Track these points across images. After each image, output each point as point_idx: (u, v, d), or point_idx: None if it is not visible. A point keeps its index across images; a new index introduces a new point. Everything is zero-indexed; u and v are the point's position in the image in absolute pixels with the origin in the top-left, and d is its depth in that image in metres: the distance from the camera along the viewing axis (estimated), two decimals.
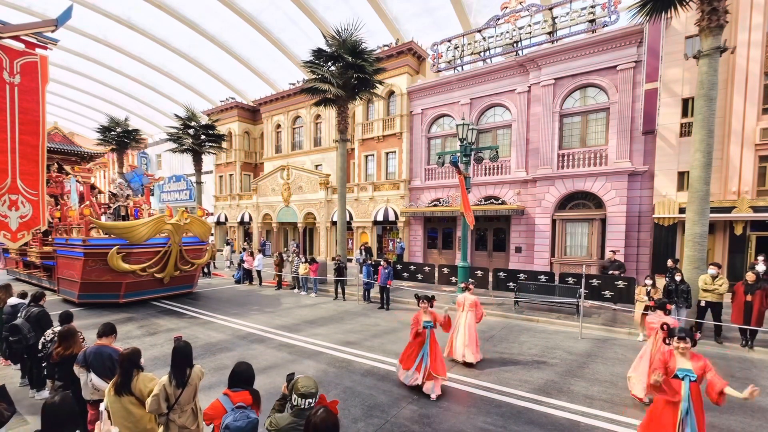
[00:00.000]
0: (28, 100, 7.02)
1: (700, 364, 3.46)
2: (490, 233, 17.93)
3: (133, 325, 9.13)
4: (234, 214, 28.76)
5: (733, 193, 12.15)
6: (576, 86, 15.10)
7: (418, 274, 14.26)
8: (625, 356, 7.03)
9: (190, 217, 11.42)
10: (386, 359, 6.80)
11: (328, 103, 15.42)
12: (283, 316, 10.06)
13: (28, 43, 7.12)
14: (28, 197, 7.08)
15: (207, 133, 22.55)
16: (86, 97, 35.74)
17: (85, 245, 10.68)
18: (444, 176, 18.66)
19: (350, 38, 13.81)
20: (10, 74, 6.78)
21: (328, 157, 24.14)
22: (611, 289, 10.29)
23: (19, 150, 6.90)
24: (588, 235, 15.02)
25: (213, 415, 2.66)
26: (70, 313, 4.64)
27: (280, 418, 2.40)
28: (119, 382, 3.08)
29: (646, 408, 4.22)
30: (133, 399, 3.07)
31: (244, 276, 15.70)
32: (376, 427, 4.51)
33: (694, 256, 8.35)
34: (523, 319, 9.81)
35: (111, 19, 25.20)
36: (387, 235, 21.53)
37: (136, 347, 3.27)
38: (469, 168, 11.23)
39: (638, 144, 14.00)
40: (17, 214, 6.91)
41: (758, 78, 11.84)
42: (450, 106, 18.54)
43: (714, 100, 8.12)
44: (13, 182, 6.86)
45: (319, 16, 22.46)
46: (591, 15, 14.96)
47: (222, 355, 7.04)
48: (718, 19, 7.90)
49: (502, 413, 4.86)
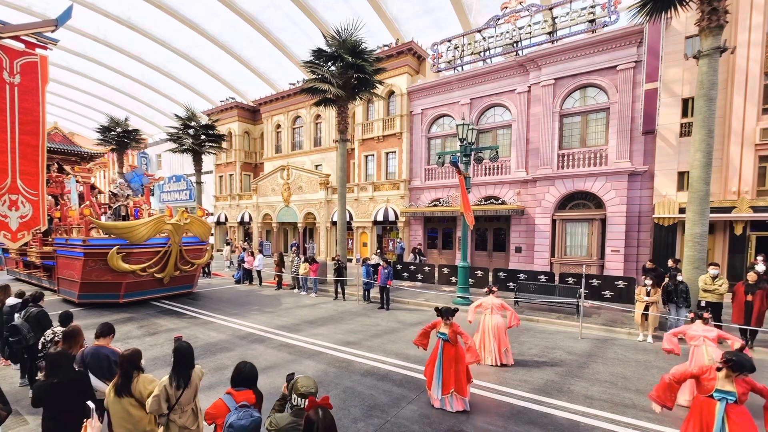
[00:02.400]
0: (28, 100, 7.02)
1: (745, 387, 3.21)
2: (490, 233, 17.94)
3: (133, 325, 9.13)
4: (234, 214, 28.76)
5: (733, 193, 12.15)
6: (576, 86, 15.10)
7: (418, 274, 14.26)
8: (625, 356, 7.03)
9: (190, 217, 11.41)
10: (386, 359, 6.80)
11: (328, 103, 15.42)
12: (283, 316, 10.06)
13: (28, 43, 7.11)
14: (28, 197, 7.07)
15: (207, 133, 22.54)
16: (86, 97, 35.74)
17: (85, 245, 10.67)
18: (444, 176, 18.66)
19: (350, 38, 13.80)
20: (10, 74, 6.78)
21: (328, 157, 24.14)
22: (611, 289, 10.29)
23: (19, 150, 6.89)
24: (588, 235, 15.02)
25: (216, 414, 2.66)
26: (70, 313, 4.64)
27: (280, 418, 2.40)
28: (119, 384, 3.07)
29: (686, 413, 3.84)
30: (133, 401, 3.06)
31: (244, 276, 15.70)
32: (376, 427, 4.50)
33: (694, 256, 8.34)
34: (523, 319, 9.78)
35: (111, 19, 25.21)
36: (387, 235, 21.53)
37: (137, 348, 3.27)
38: (469, 168, 11.22)
39: (638, 144, 14.00)
40: (17, 214, 6.90)
41: (758, 78, 11.84)
42: (450, 106, 18.53)
43: (714, 100, 8.12)
44: (13, 182, 6.85)
45: (319, 16, 22.46)
46: (591, 15, 14.96)
47: (222, 355, 7.04)
48: (718, 19, 7.90)
49: (502, 413, 4.86)
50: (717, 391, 3.29)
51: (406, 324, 9.35)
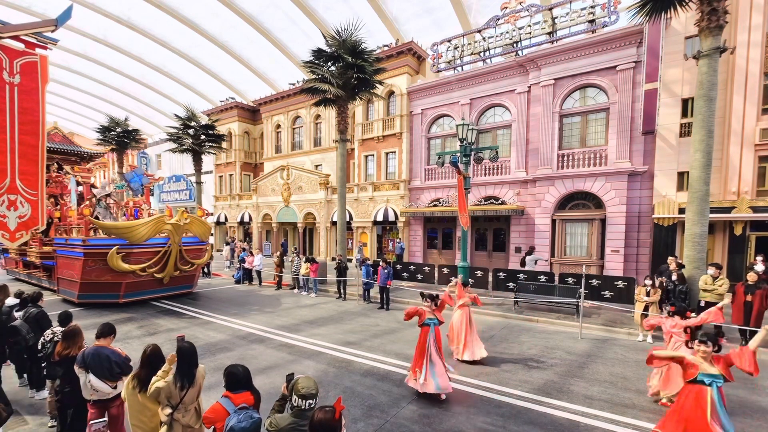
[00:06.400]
0: (27, 100, 7.02)
1: (724, 366, 3.31)
2: (490, 233, 17.93)
3: (133, 325, 9.12)
4: (234, 214, 28.76)
5: (733, 193, 12.15)
6: (576, 86, 15.10)
7: (418, 275, 14.25)
8: (625, 356, 7.03)
9: (189, 217, 11.41)
10: (386, 359, 6.80)
11: (328, 103, 15.42)
12: (283, 316, 10.06)
13: (28, 43, 7.12)
14: (28, 197, 7.07)
15: (207, 133, 22.54)
16: (86, 97, 35.74)
17: (84, 245, 10.67)
18: (444, 176, 18.66)
19: (350, 38, 13.81)
20: (9, 74, 6.78)
21: (328, 157, 24.14)
22: (611, 289, 10.29)
23: (18, 150, 6.89)
24: (588, 236, 15.02)
25: (214, 418, 2.64)
26: (69, 313, 4.63)
27: (280, 418, 2.40)
28: (143, 378, 3.17)
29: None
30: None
31: (244, 276, 15.70)
32: (376, 427, 4.50)
33: (694, 256, 8.35)
34: (523, 319, 9.81)
35: (111, 19, 25.22)
36: (387, 235, 21.53)
37: (156, 344, 3.46)
38: (468, 168, 11.21)
39: (638, 144, 14.01)
40: (16, 214, 6.90)
41: (758, 78, 11.84)
42: (450, 107, 18.53)
43: (714, 101, 8.12)
44: (12, 182, 6.85)
45: (319, 16, 22.47)
46: (591, 15, 14.96)
47: (222, 355, 7.04)
48: (717, 20, 7.90)
49: (502, 413, 4.86)
50: (703, 374, 3.31)
51: (405, 324, 9.32)
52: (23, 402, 5.13)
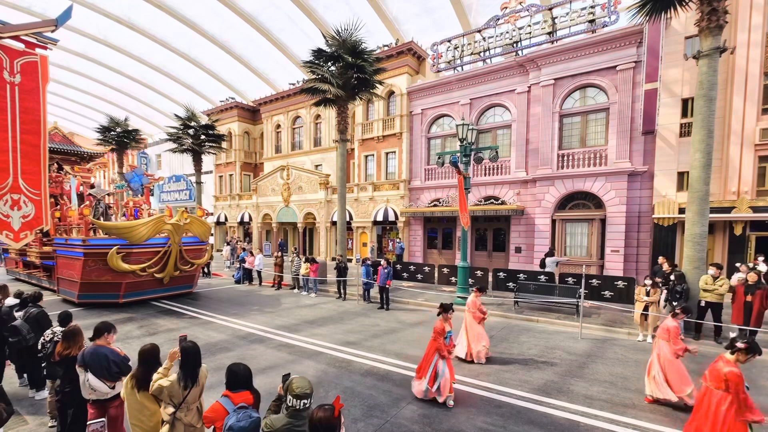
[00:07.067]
0: (28, 99, 7.03)
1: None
2: (490, 233, 17.94)
3: (133, 325, 9.13)
4: (234, 214, 28.76)
5: (733, 193, 12.16)
6: (576, 86, 15.11)
7: (418, 275, 14.26)
8: (625, 356, 7.03)
9: (189, 217, 11.41)
10: (386, 359, 6.80)
11: (328, 103, 15.42)
12: (283, 316, 10.06)
13: (28, 43, 7.13)
14: (31, 197, 7.08)
15: (207, 133, 22.54)
16: (86, 97, 35.73)
17: (84, 245, 10.67)
18: (444, 176, 18.66)
19: (350, 38, 13.81)
20: (10, 74, 6.79)
21: (328, 157, 24.14)
22: (611, 289, 10.30)
23: (20, 149, 6.90)
24: (588, 236, 15.03)
25: (213, 417, 2.65)
26: (69, 313, 4.63)
27: (275, 419, 2.40)
28: (140, 377, 3.17)
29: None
30: (149, 394, 3.13)
31: (244, 276, 15.70)
32: (376, 427, 4.51)
33: (694, 256, 8.35)
34: (523, 319, 9.81)
35: (111, 19, 25.21)
36: (387, 235, 21.53)
37: (155, 343, 3.43)
38: (468, 168, 11.23)
39: (638, 144, 14.01)
40: (19, 214, 6.91)
41: (758, 78, 11.85)
42: (450, 107, 18.54)
43: (714, 101, 8.12)
44: (15, 182, 6.86)
45: (319, 16, 22.47)
46: (591, 15, 14.97)
47: (222, 355, 7.04)
48: (717, 20, 7.90)
49: (502, 413, 4.86)
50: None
51: (405, 324, 9.36)
52: (24, 402, 5.14)
